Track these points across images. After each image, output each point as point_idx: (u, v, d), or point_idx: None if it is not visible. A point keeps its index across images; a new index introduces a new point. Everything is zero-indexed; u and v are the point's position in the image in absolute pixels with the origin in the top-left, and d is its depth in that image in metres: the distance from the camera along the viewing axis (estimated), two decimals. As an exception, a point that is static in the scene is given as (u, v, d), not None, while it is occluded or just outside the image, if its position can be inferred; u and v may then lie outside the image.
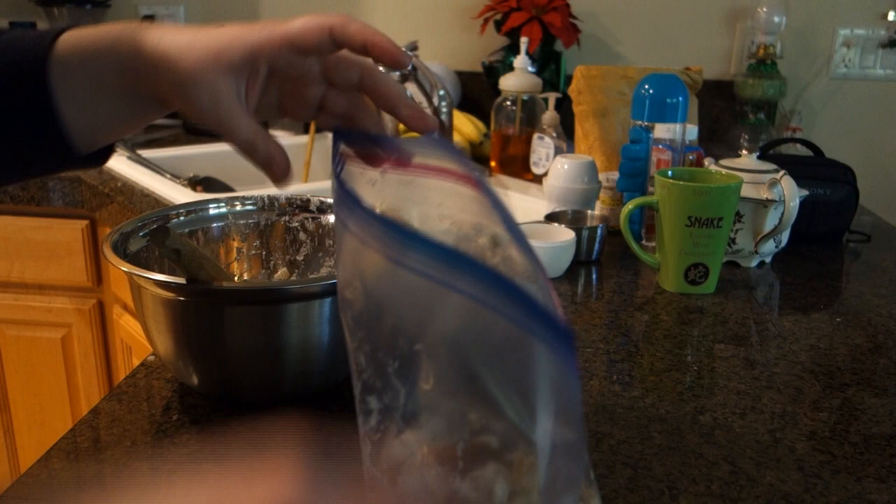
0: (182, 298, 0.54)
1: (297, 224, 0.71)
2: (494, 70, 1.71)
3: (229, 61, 0.43)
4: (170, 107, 0.47)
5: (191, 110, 0.43)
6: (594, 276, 0.91)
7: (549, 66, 1.70)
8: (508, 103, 1.34)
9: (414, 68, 1.42)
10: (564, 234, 0.90)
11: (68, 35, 0.45)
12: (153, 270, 0.55)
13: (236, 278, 0.70)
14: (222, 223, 0.70)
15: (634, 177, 0.99)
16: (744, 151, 0.97)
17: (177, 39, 0.43)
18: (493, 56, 1.77)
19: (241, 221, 0.71)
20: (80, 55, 0.44)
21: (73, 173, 1.26)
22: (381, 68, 0.47)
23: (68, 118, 0.45)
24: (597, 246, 0.94)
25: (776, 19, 1.72)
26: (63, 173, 0.49)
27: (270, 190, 0.74)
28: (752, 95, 1.76)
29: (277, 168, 0.45)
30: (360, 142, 0.45)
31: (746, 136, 1.64)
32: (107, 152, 0.50)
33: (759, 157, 0.98)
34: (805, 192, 0.94)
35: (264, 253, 0.71)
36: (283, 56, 0.44)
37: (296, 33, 0.43)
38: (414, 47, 1.49)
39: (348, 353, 0.37)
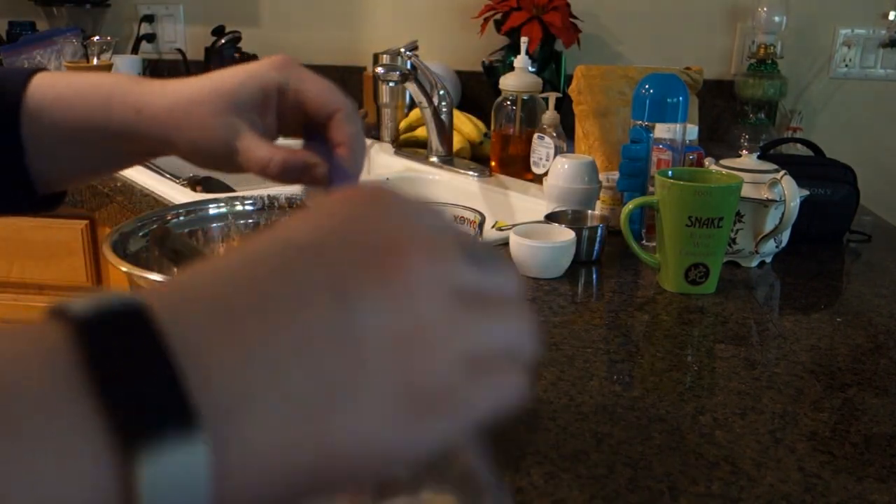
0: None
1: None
2: (494, 70, 1.71)
3: (240, 101, 0.43)
4: (153, 157, 0.48)
5: (205, 160, 0.44)
6: (594, 276, 0.91)
7: (549, 65, 1.70)
8: (508, 103, 1.34)
9: (414, 68, 1.42)
10: (564, 234, 0.90)
11: (44, 79, 0.43)
12: (153, 270, 0.55)
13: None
14: (222, 223, 0.70)
15: (635, 177, 0.99)
16: (744, 151, 0.97)
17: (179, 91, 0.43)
18: (493, 56, 1.77)
19: (241, 221, 0.71)
20: (62, 106, 0.43)
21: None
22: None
23: (35, 166, 0.44)
24: (597, 246, 0.94)
25: (776, 19, 1.72)
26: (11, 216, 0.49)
27: (270, 190, 0.74)
28: (752, 95, 1.76)
29: (317, 170, 0.43)
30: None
31: (747, 136, 1.64)
32: (59, 198, 0.50)
33: (759, 157, 0.98)
34: (805, 192, 0.94)
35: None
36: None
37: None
38: (414, 47, 1.49)
39: None
